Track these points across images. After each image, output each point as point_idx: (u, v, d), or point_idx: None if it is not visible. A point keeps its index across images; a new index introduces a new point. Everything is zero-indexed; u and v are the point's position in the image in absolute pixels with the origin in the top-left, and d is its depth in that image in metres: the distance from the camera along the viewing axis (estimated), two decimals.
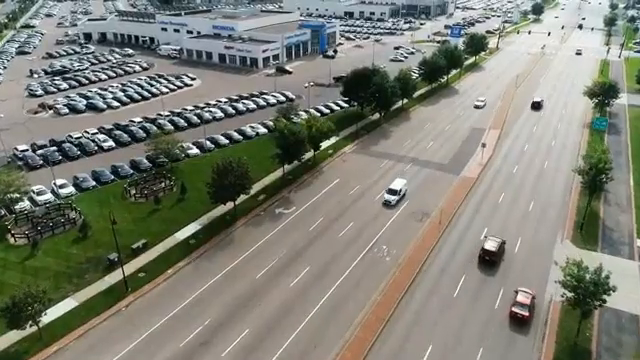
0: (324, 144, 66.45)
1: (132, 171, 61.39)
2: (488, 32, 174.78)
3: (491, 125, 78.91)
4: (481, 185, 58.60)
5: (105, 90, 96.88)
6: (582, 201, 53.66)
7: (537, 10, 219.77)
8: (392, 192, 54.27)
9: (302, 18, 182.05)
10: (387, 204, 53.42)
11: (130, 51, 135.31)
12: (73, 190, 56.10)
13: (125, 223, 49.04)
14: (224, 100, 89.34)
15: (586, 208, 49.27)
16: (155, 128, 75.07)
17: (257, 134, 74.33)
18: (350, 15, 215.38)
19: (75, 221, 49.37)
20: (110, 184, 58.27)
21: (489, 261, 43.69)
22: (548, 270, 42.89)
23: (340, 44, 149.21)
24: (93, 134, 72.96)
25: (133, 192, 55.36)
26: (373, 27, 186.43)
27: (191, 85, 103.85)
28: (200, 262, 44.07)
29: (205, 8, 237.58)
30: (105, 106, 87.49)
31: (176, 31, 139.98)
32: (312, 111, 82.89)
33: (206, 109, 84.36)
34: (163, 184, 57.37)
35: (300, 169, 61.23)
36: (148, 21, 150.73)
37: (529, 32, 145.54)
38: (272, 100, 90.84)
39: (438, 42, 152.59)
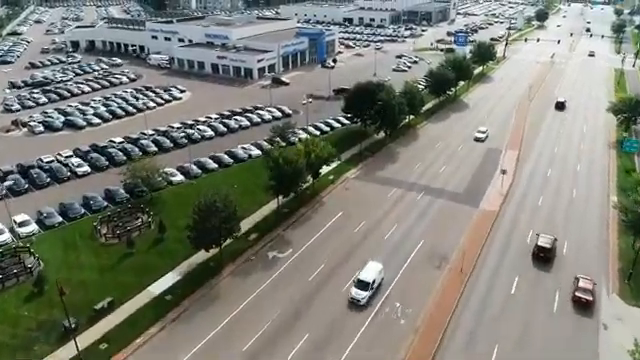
0: (324, 169, 59.20)
1: (106, 203, 53.89)
2: (493, 39, 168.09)
3: (508, 145, 71.75)
4: (504, 220, 51.25)
5: (86, 105, 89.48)
6: (623, 241, 46.48)
7: (541, 16, 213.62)
8: (362, 286, 38.84)
9: (300, 25, 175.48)
10: (355, 302, 38.41)
11: (118, 60, 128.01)
12: (35, 228, 48.52)
13: (90, 272, 41.57)
14: (215, 116, 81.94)
15: (636, 254, 41.92)
16: (137, 150, 67.73)
17: (250, 156, 66.91)
18: (349, 22, 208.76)
19: (32, 270, 41.82)
20: (80, 219, 50.81)
21: (543, 258, 44.10)
22: (597, 335, 35.66)
23: (339, 52, 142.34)
24: (67, 157, 65.47)
25: (104, 231, 47.87)
26: (373, 34, 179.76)
27: (180, 98, 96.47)
28: (176, 327, 36.44)
29: (200, 14, 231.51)
30: (84, 123, 79.97)
31: (167, 39, 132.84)
32: (310, 129, 75.75)
33: (195, 127, 77.12)
34: (140, 220, 49.91)
35: (297, 200, 53.84)
36: (138, 28, 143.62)
37: (537, 40, 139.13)
38: (267, 116, 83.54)
39: (442, 50, 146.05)
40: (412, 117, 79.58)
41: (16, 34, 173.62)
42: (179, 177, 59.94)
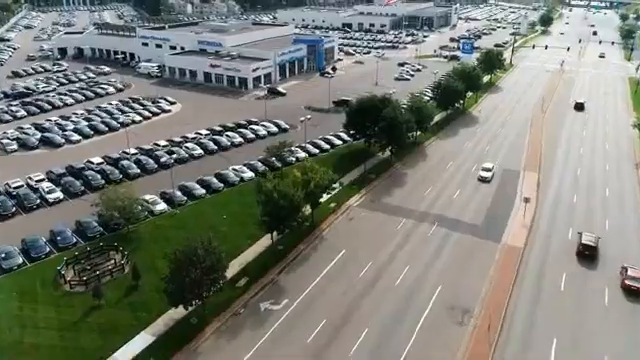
0: (325, 195, 52.73)
1: (75, 239, 47.22)
2: (498, 45, 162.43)
3: (526, 165, 65.37)
4: (532, 259, 44.68)
5: (67, 119, 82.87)
6: None
7: (545, 21, 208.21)
8: None
9: (297, 31, 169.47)
10: None
11: (106, 69, 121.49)
12: None
13: (47, 333, 34.89)
14: (205, 132, 75.32)
15: None
16: (117, 172, 61.19)
17: (242, 180, 60.39)
18: (348, 27, 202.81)
19: None
20: (44, 260, 44.19)
21: (589, 256, 44.40)
22: None
23: (339, 60, 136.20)
24: (38, 181, 58.79)
25: (70, 276, 41.21)
26: (373, 40, 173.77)
27: (169, 111, 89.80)
28: None
29: (196, 19, 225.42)
30: (62, 141, 73.29)
31: (158, 46, 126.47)
32: (309, 147, 69.31)
33: (183, 145, 70.58)
34: (113, 261, 43.27)
35: (294, 235, 47.20)
36: (128, 35, 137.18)
37: (546, 47, 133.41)
38: (262, 132, 76.99)
39: (445, 57, 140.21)
40: (419, 133, 73.28)
41: (3, 40, 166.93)
42: (162, 206, 53.25)
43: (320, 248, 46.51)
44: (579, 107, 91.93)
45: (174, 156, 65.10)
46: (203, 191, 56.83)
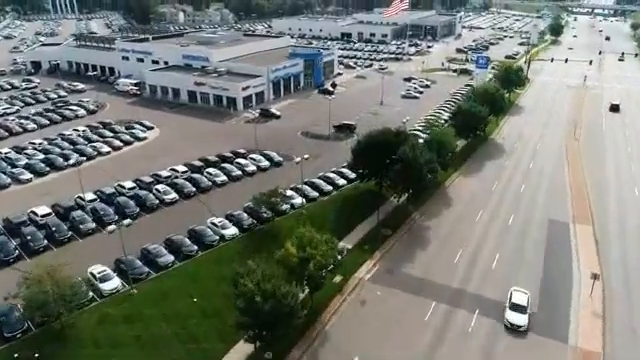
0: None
1: None
2: (508, 57, 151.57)
3: (575, 216, 52.90)
4: None
5: (22, 151, 70.32)
6: None
7: (556, 30, 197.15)
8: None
9: (294, 42, 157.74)
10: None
11: (80, 86, 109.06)
12: None
13: None
14: (182, 169, 62.83)
15: None
16: (65, 228, 48.62)
17: (222, 238, 47.94)
18: (348, 37, 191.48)
19: None
20: None
21: None
22: None
23: (339, 74, 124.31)
24: None
25: None
26: (375, 51, 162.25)
27: (144, 139, 77.21)
28: None
29: (188, 28, 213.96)
30: (8, 181, 60.53)
31: (140, 61, 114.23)
32: (306, 188, 56.93)
33: (153, 185, 58.13)
34: None
35: (286, 337, 34.63)
36: (109, 48, 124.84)
37: (566, 60, 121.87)
38: (250, 167, 64.46)
39: (455, 71, 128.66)
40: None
41: None
42: (113, 283, 40.41)
43: (322, 354, 33.94)
44: (614, 108, 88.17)
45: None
46: (171, 258, 44.05)
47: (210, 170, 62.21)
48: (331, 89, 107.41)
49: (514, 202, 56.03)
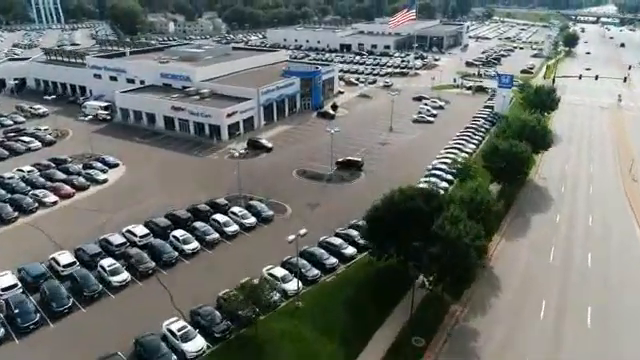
0: None
1: None
2: (524, 72, 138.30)
3: None
4: None
5: None
6: None
7: (570, 41, 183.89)
8: None
9: (290, 54, 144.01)
10: None
11: (42, 109, 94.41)
12: None
13: None
14: (141, 232, 48.04)
15: None
16: None
17: (182, 356, 33.33)
18: (347, 48, 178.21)
19: None
20: None
21: None
22: None
23: (340, 93, 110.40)
24: None
25: None
26: (378, 64, 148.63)
27: (104, 181, 62.51)
28: None
29: (178, 40, 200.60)
30: None
31: (113, 79, 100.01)
32: (304, 264, 42.36)
33: (98, 259, 43.36)
34: None
35: None
36: (80, 63, 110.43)
37: (596, 77, 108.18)
38: (231, 227, 49.49)
39: (469, 89, 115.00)
40: None
41: None
42: None
43: None
44: None
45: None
46: None
47: (178, 234, 47.35)
48: (332, 112, 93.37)
49: (584, 285, 41.44)
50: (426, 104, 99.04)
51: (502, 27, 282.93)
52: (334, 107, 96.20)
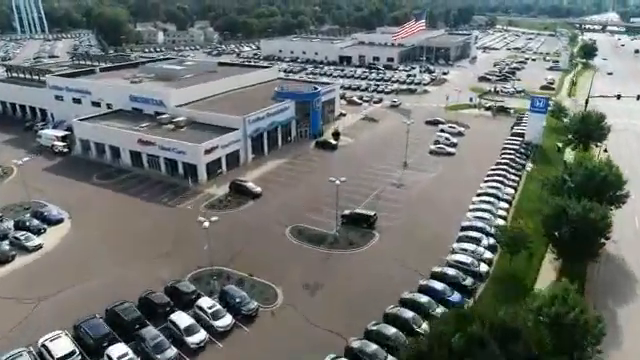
0: None
1: None
2: (544, 88, 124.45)
3: None
4: None
5: None
6: None
7: (588, 53, 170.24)
8: None
9: (285, 67, 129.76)
10: None
11: None
12: None
13: None
14: (64, 349, 32.47)
15: None
16: None
17: None
18: (347, 61, 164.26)
19: None
20: None
21: None
22: None
23: (341, 115, 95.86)
24: None
25: None
26: (382, 79, 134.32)
27: (37, 248, 47.31)
28: None
29: (167, 52, 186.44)
30: None
31: (76, 101, 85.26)
32: None
33: None
34: None
35: None
36: (40, 83, 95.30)
37: (638, 97, 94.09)
38: (196, 336, 34.01)
39: (489, 109, 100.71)
40: None
41: None
42: None
43: None
44: None
45: None
46: None
47: (116, 352, 32.41)
48: (333, 142, 78.66)
49: None
50: (443, 130, 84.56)
51: (508, 36, 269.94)
52: (336, 135, 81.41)
